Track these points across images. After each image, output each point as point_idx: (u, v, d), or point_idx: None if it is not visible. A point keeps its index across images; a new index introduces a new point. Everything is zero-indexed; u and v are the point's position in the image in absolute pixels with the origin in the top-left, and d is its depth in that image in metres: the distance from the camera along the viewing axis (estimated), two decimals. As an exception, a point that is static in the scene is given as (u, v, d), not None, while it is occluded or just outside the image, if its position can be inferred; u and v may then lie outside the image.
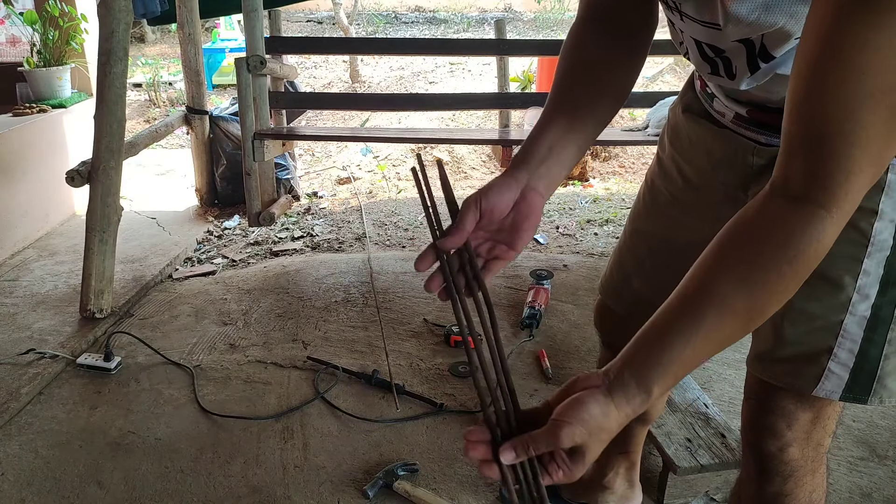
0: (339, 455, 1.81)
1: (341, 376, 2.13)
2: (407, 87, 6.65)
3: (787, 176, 0.64)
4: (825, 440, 0.98)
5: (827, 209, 0.62)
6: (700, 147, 1.03)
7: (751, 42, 0.79)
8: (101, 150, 2.45)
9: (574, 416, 0.64)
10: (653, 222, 1.16)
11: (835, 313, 0.87)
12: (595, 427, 0.64)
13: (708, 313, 0.64)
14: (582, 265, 2.95)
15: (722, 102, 0.96)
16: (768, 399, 0.96)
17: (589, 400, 0.64)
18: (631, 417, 0.66)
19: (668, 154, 1.11)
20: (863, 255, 0.84)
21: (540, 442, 0.65)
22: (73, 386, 2.12)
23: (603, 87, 0.88)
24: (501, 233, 0.80)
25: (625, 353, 0.67)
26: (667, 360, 0.64)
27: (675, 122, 1.09)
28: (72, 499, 1.67)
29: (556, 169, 0.83)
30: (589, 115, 0.86)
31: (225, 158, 3.70)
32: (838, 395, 0.89)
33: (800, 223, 0.63)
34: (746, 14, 0.74)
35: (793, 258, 0.63)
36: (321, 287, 2.76)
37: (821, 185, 0.62)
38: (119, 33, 2.41)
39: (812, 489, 1.01)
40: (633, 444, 1.50)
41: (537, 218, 0.81)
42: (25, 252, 3.16)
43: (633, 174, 4.58)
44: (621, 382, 0.65)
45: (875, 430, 1.87)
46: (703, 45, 0.86)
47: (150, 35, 9.19)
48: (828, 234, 0.63)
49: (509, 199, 0.79)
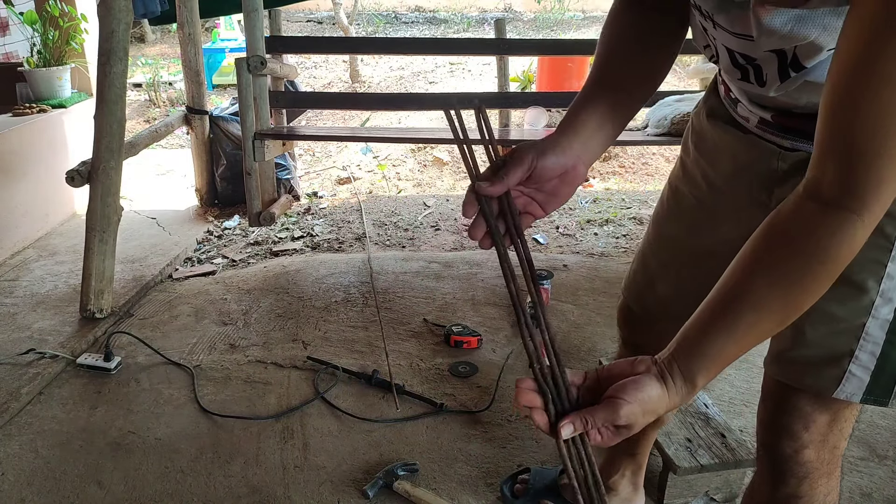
0: (339, 455, 1.81)
1: (341, 376, 2.13)
2: (407, 87, 6.65)
3: (820, 181, 0.67)
4: (841, 443, 0.98)
5: (858, 214, 0.65)
6: (724, 152, 1.04)
7: (783, 52, 0.80)
8: (101, 150, 2.45)
9: (634, 396, 0.68)
10: (676, 226, 1.16)
11: (857, 316, 0.87)
12: (650, 408, 0.69)
13: (746, 311, 0.68)
14: (582, 265, 2.95)
15: (746, 107, 0.96)
16: (785, 400, 0.95)
17: (648, 382, 0.69)
18: (678, 406, 0.71)
19: (693, 158, 1.11)
20: (887, 259, 0.84)
21: (599, 417, 0.69)
22: (73, 386, 2.12)
23: (646, 67, 0.92)
24: (540, 193, 0.82)
25: (671, 348, 0.71)
26: (709, 354, 0.69)
27: (700, 127, 1.10)
28: (72, 498, 1.68)
29: (603, 142, 0.87)
30: (631, 95, 0.90)
31: (225, 158, 3.70)
32: (859, 397, 0.89)
33: (832, 227, 0.66)
34: (780, 27, 0.75)
35: (826, 259, 0.66)
36: (321, 287, 2.76)
37: (852, 192, 0.65)
38: (119, 33, 2.41)
39: (827, 492, 1.00)
40: (641, 446, 1.49)
41: (575, 188, 0.84)
42: (25, 252, 3.16)
43: (633, 174, 4.58)
44: (671, 373, 0.70)
45: (875, 430, 1.87)
46: (735, 54, 0.86)
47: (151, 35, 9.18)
48: (858, 237, 0.66)
49: (562, 167, 0.81)
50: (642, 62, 0.92)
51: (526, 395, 0.71)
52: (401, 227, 3.51)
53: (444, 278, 2.81)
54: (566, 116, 0.88)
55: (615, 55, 0.91)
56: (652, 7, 0.91)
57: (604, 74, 0.90)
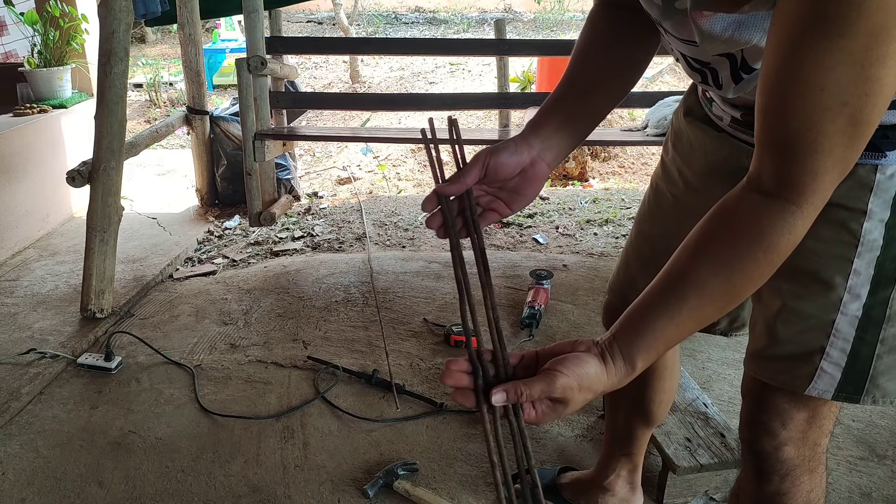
0: (340, 454, 1.81)
1: (341, 376, 2.13)
2: (407, 87, 6.66)
3: (761, 174, 0.70)
4: (822, 440, 0.99)
5: (797, 205, 0.68)
6: (699, 150, 1.06)
7: (732, 56, 0.82)
8: (102, 151, 2.45)
9: (572, 371, 0.68)
10: (657, 224, 1.17)
11: (826, 313, 0.88)
12: (586, 385, 0.69)
13: (689, 296, 0.70)
14: (582, 265, 2.96)
15: (719, 107, 0.98)
16: (763, 398, 0.97)
17: (588, 360, 0.69)
18: (616, 387, 0.71)
19: (671, 157, 1.13)
20: (853, 255, 0.85)
21: (535, 388, 0.68)
22: (73, 386, 2.13)
23: (618, 65, 0.94)
24: (503, 191, 0.87)
25: (614, 329, 0.73)
26: (650, 336, 0.70)
27: (678, 126, 1.12)
28: (72, 498, 1.68)
29: (568, 140, 0.89)
30: (602, 92, 0.92)
31: (225, 158, 3.71)
32: (831, 394, 0.90)
33: (773, 217, 0.68)
34: (721, 32, 0.77)
35: (767, 248, 0.68)
36: (321, 287, 2.76)
37: (790, 185, 0.68)
38: (120, 33, 2.41)
39: (810, 488, 1.01)
40: (636, 446, 1.49)
41: (540, 185, 0.88)
42: (26, 252, 3.17)
43: (633, 174, 4.58)
44: (611, 353, 0.71)
45: (874, 430, 1.87)
46: (689, 58, 0.89)
47: (151, 35, 9.19)
48: (798, 227, 0.69)
49: (517, 164, 0.85)
50: (617, 60, 0.94)
51: (453, 376, 0.70)
52: (401, 227, 3.51)
53: (444, 278, 2.82)
54: (534, 115, 0.91)
55: (589, 53, 0.94)
56: (627, 6, 0.92)
57: (576, 73, 0.93)
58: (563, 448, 1.83)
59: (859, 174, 0.82)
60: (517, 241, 3.31)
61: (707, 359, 2.20)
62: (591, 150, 4.64)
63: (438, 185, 0.83)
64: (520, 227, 3.48)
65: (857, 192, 0.83)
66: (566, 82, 0.92)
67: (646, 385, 1.35)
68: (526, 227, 3.48)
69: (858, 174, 0.82)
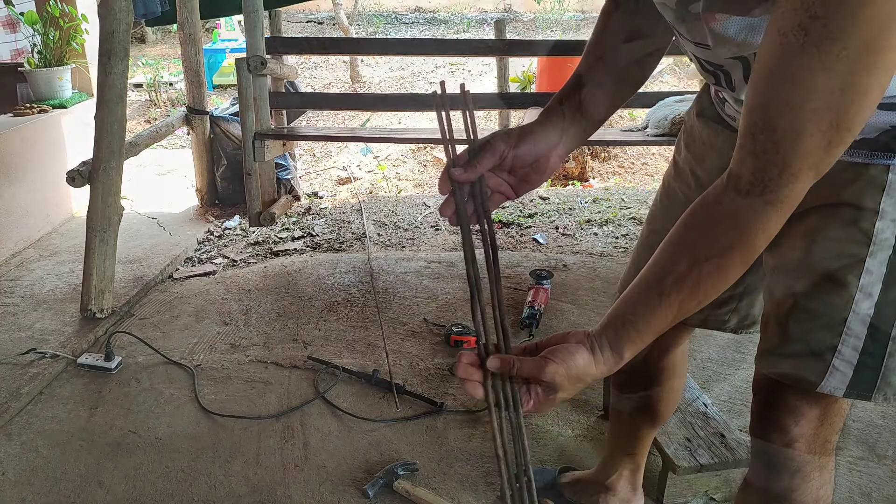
0: (340, 454, 1.81)
1: (341, 376, 2.13)
2: (407, 88, 6.66)
3: (740, 174, 0.72)
4: (832, 437, 0.99)
5: (773, 204, 0.70)
6: (711, 150, 1.07)
7: (745, 59, 0.83)
8: (102, 151, 2.45)
9: (562, 359, 0.73)
10: (668, 222, 1.17)
11: (838, 311, 0.88)
12: (575, 374, 0.73)
13: (669, 290, 0.73)
14: (582, 265, 2.96)
15: (732, 107, 0.98)
16: (774, 395, 0.97)
17: (578, 350, 0.74)
18: (605, 375, 0.75)
19: (684, 157, 1.15)
20: (865, 254, 0.85)
21: (525, 368, 0.73)
22: (73, 386, 2.13)
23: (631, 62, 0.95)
24: (512, 177, 0.88)
25: (603, 321, 0.76)
26: (634, 329, 0.74)
27: (691, 126, 1.13)
28: (72, 498, 1.68)
29: (579, 136, 0.91)
30: (615, 90, 0.94)
31: (225, 158, 3.71)
32: (843, 391, 0.90)
33: (749, 215, 0.71)
34: (734, 35, 0.78)
35: (743, 245, 0.72)
36: (321, 287, 2.76)
37: (766, 185, 0.70)
38: (120, 33, 2.41)
39: (819, 486, 1.01)
40: (639, 446, 1.50)
41: (549, 175, 0.89)
42: (26, 252, 3.17)
43: (633, 174, 4.58)
44: (599, 344, 0.75)
45: (874, 430, 1.87)
46: (702, 60, 0.90)
47: (151, 35, 9.19)
48: (773, 225, 0.71)
49: (535, 156, 0.87)
50: (628, 58, 0.95)
51: (466, 369, 0.76)
52: (401, 227, 3.51)
53: (444, 278, 2.81)
54: (548, 106, 0.91)
55: (602, 50, 0.95)
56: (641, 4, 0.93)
57: (590, 67, 0.94)
58: (563, 448, 1.83)
59: (872, 174, 0.83)
60: (517, 241, 3.31)
61: (707, 359, 2.20)
62: (592, 150, 4.64)
63: (453, 171, 0.82)
64: (520, 227, 3.48)
65: (869, 191, 0.83)
66: (580, 77, 0.93)
67: (654, 383, 1.35)
68: (526, 227, 3.48)
69: (871, 174, 0.83)
